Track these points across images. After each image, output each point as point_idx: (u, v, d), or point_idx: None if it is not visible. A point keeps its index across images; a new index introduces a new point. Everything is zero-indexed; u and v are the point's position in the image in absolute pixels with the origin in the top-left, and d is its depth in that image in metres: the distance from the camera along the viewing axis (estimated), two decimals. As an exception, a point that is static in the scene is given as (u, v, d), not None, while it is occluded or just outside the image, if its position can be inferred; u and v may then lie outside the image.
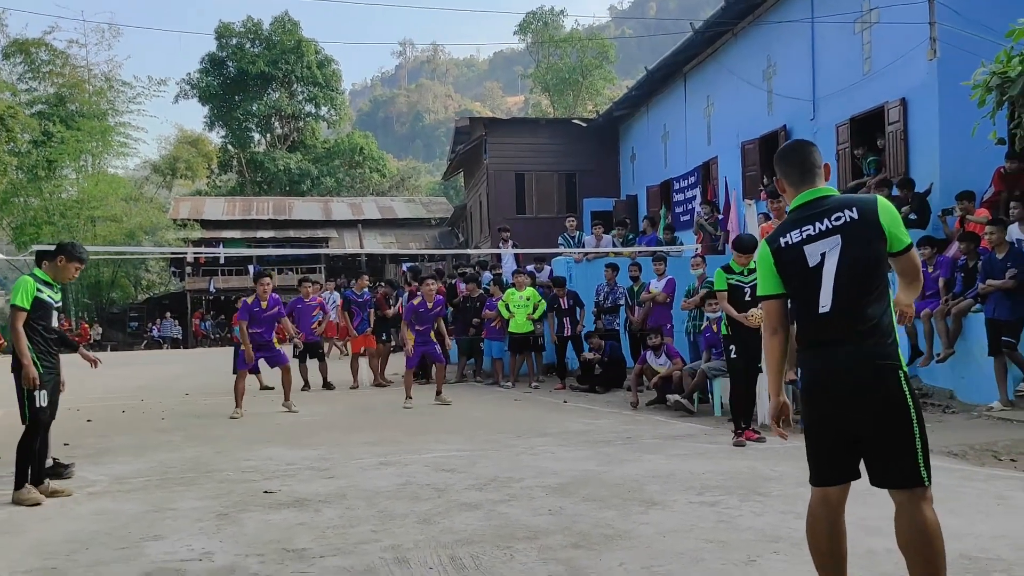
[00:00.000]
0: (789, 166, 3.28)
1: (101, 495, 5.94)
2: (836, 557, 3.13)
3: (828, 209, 3.10)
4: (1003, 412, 8.50)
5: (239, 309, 10.86)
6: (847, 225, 3.05)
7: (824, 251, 3.06)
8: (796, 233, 3.13)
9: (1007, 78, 8.00)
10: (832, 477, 3.12)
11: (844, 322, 3.01)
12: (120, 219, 37.50)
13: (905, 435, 2.97)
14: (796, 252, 3.11)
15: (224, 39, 53.22)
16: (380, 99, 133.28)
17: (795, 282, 3.15)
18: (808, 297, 3.09)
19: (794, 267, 3.12)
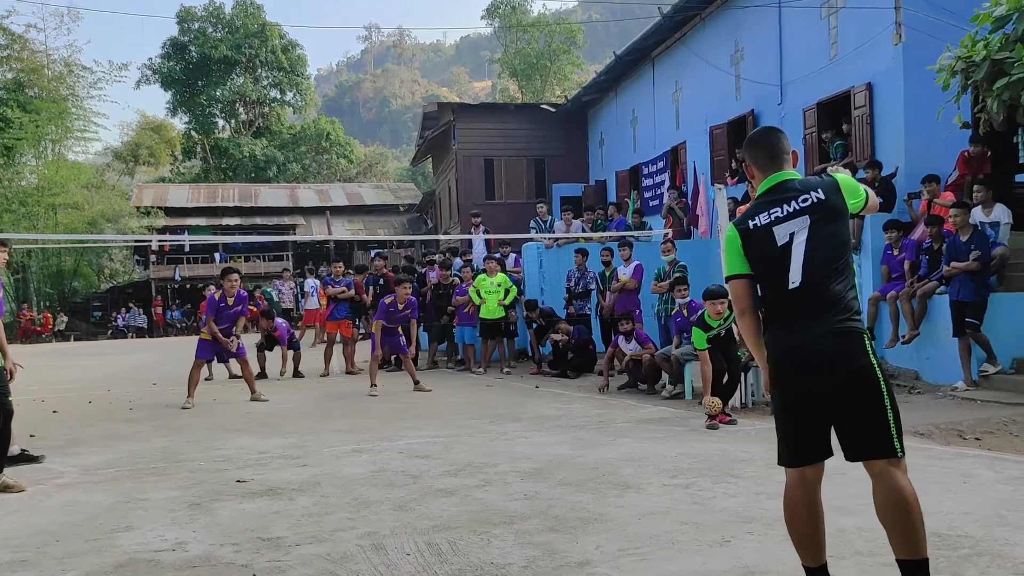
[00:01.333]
0: (759, 151, 3.34)
1: (70, 487, 5.85)
2: (815, 536, 3.18)
3: (795, 191, 3.19)
4: (967, 392, 8.66)
5: (206, 303, 10.77)
6: (814, 206, 3.13)
7: (793, 231, 3.12)
8: (765, 216, 3.19)
9: (971, 63, 8.10)
10: (807, 457, 3.16)
11: (813, 297, 3.07)
12: (82, 207, 36.89)
13: (876, 405, 3.03)
14: (765, 233, 3.17)
15: (186, 23, 52.43)
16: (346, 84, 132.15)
17: (764, 262, 3.20)
18: (777, 275, 3.14)
19: (762, 248, 3.18)
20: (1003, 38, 8.01)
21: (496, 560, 3.86)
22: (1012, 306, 9.13)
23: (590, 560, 3.81)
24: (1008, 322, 9.01)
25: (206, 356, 10.51)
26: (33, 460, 6.70)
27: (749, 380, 8.90)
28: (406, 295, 11.48)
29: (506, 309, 13.54)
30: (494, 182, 24.68)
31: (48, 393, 12.13)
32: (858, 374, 3.01)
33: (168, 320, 37.81)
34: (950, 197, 10.12)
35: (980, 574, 3.43)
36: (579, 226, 15.93)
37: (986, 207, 9.72)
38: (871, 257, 10.75)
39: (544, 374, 12.73)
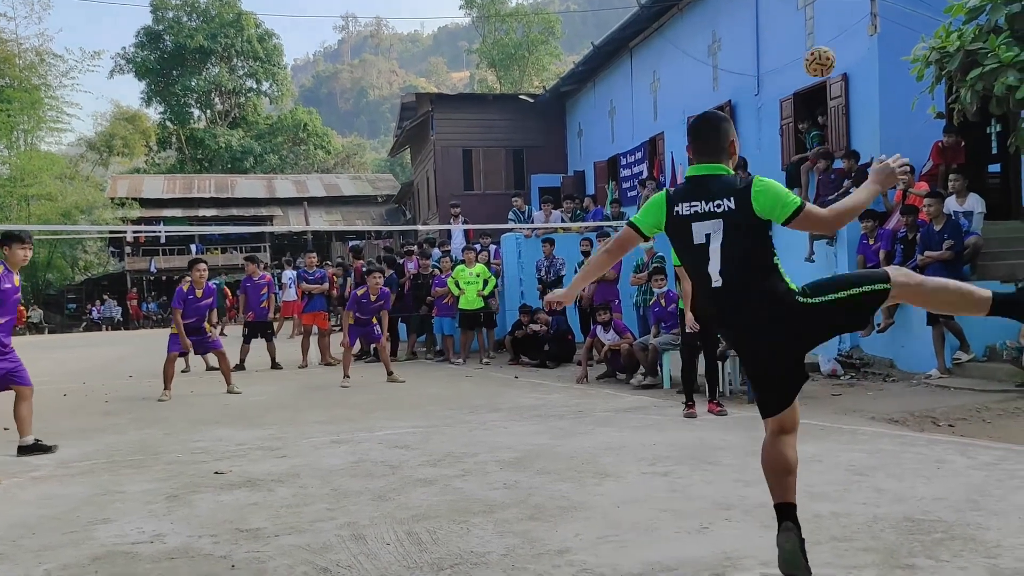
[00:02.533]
0: (699, 138, 3.42)
1: (46, 479, 5.80)
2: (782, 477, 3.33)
3: (714, 192, 3.27)
4: (941, 380, 8.78)
5: (174, 296, 10.67)
6: (725, 213, 3.24)
7: (708, 232, 3.26)
8: (687, 206, 3.32)
9: (946, 53, 8.18)
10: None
11: (735, 296, 3.26)
12: (55, 198, 36.45)
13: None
14: (685, 226, 3.31)
15: (160, 12, 51.80)
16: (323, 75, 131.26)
17: (685, 254, 3.38)
18: (700, 271, 3.31)
19: (682, 240, 3.35)
20: (976, 29, 8.10)
21: (476, 549, 3.87)
22: (985, 295, 9.24)
23: (569, 548, 3.83)
24: (981, 310, 9.11)
25: (179, 349, 10.41)
26: (46, 450, 6.72)
27: (727, 369, 8.96)
28: (377, 285, 11.41)
29: (485, 300, 13.55)
30: (472, 173, 24.62)
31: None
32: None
33: (144, 312, 37.49)
34: (924, 187, 10.22)
35: (953, 557, 3.48)
36: (558, 216, 15.95)
37: (960, 197, 9.83)
38: (847, 246, 10.84)
39: (523, 364, 12.75)
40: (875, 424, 6.80)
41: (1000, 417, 6.89)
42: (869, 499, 4.43)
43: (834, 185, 11.36)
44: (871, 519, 4.06)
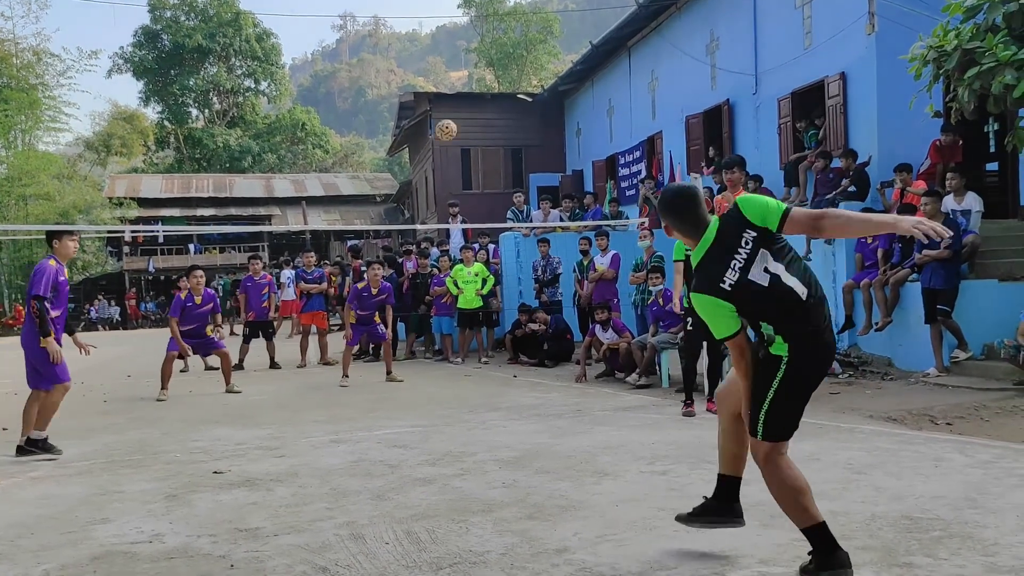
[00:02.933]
0: (685, 223, 3.46)
1: (44, 479, 5.80)
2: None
3: (735, 240, 3.33)
4: (939, 378, 8.78)
5: (171, 305, 10.64)
6: (755, 241, 3.32)
7: (765, 265, 3.30)
8: (731, 272, 3.29)
9: (943, 52, 8.18)
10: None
11: (820, 303, 3.34)
12: (53, 197, 36.32)
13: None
14: (744, 283, 3.27)
15: (158, 11, 51.73)
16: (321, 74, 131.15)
17: (753, 302, 3.30)
18: (783, 295, 3.28)
19: (748, 293, 3.28)
20: (974, 28, 8.09)
21: (474, 548, 3.88)
22: (982, 293, 9.26)
23: (568, 547, 3.84)
24: (978, 309, 9.14)
25: (177, 348, 10.38)
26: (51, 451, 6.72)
27: (725, 368, 8.96)
28: (378, 278, 11.29)
29: (484, 299, 13.55)
30: (471, 172, 24.60)
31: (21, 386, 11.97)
32: None
33: (143, 312, 37.45)
34: (922, 186, 10.22)
35: (951, 555, 3.49)
36: (557, 215, 15.95)
37: (958, 195, 9.84)
38: (845, 245, 10.85)
39: (522, 364, 12.76)
40: (873, 422, 6.81)
41: (998, 415, 6.90)
42: (867, 497, 4.44)
43: (832, 184, 11.37)
44: (869, 517, 4.07)
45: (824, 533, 3.24)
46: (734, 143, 15.33)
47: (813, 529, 3.25)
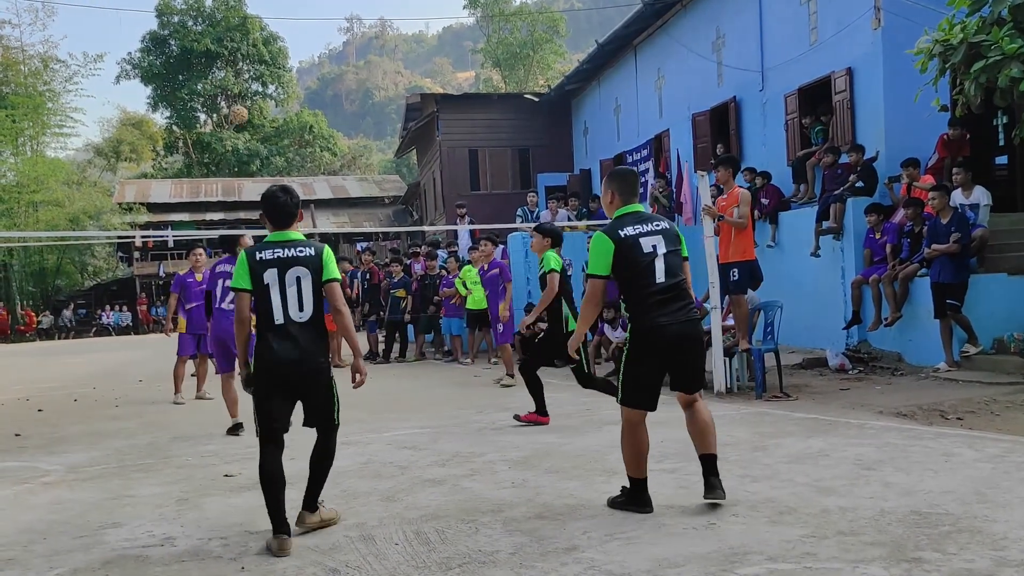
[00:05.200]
0: (626, 185, 4.61)
1: (56, 485, 5.84)
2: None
3: (648, 218, 4.54)
4: (949, 373, 8.76)
5: (172, 283, 10.63)
6: (663, 230, 4.46)
7: (655, 244, 4.38)
8: (631, 228, 4.40)
9: (949, 46, 8.15)
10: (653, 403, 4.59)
11: (673, 291, 4.38)
12: (63, 203, 36.55)
13: (702, 357, 4.73)
14: (634, 241, 4.36)
15: (165, 17, 51.93)
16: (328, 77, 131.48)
17: (633, 264, 4.33)
18: (646, 274, 4.34)
19: (632, 251, 4.34)
20: (980, 21, 8.07)
21: (484, 548, 3.89)
22: (992, 287, 9.22)
23: (577, 545, 3.85)
24: (988, 303, 9.10)
25: (189, 352, 10.38)
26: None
27: (734, 365, 8.95)
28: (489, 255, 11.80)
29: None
30: (479, 173, 24.64)
31: (33, 392, 12.08)
32: (697, 342, 4.56)
33: (154, 317, 37.62)
34: (930, 180, 10.19)
35: (960, 550, 3.48)
36: (565, 215, 15.95)
37: (966, 189, 9.80)
38: (853, 241, 10.82)
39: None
40: (883, 418, 6.79)
41: (1008, 409, 6.87)
42: (876, 493, 4.43)
43: (840, 180, 11.34)
44: (878, 513, 4.07)
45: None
46: (741, 140, 15.31)
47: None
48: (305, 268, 4.26)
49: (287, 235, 4.37)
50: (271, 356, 4.20)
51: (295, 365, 4.22)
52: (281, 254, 4.27)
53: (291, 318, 4.23)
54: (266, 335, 4.24)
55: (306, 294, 4.25)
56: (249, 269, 4.26)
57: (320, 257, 4.32)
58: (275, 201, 4.39)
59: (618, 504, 4.44)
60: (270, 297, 4.22)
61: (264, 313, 4.25)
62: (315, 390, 4.33)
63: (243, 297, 4.31)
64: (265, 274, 4.23)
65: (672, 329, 4.32)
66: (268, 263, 4.25)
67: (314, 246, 4.37)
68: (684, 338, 4.39)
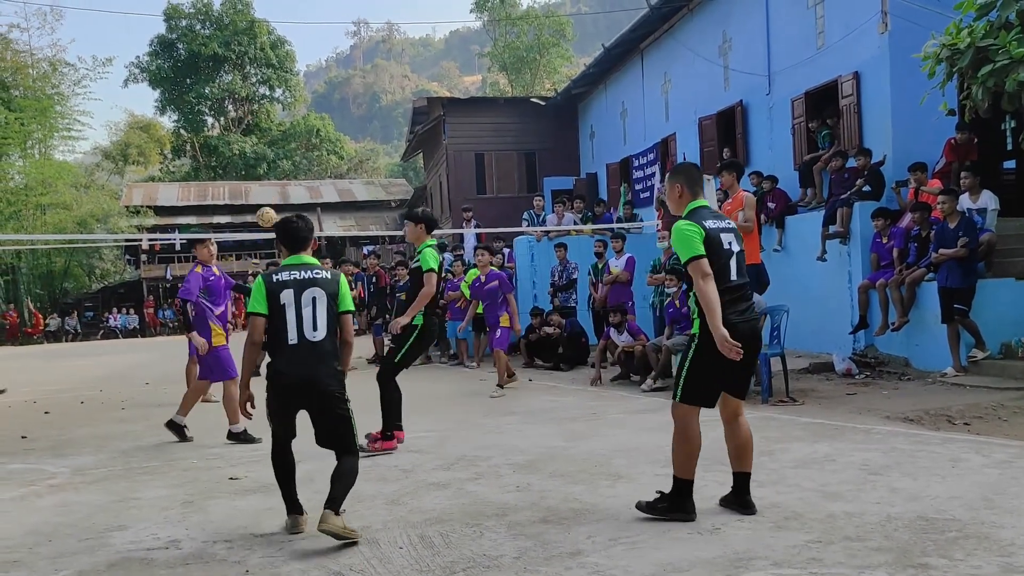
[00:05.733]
0: (693, 179, 4.51)
1: (63, 487, 5.85)
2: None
3: (718, 214, 4.46)
4: (956, 378, 8.72)
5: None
6: (733, 228, 4.44)
7: (730, 241, 4.31)
8: (710, 222, 4.29)
9: (957, 50, 8.13)
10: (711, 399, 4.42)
11: (742, 291, 4.33)
12: (70, 206, 36.67)
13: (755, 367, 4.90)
14: (715, 235, 4.25)
15: (173, 20, 52.12)
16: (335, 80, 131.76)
17: (714, 258, 4.19)
18: (724, 271, 4.24)
19: (713, 245, 4.22)
20: (987, 25, 8.04)
21: (488, 552, 3.89)
22: (999, 292, 9.19)
23: (582, 550, 3.84)
24: (996, 308, 9.07)
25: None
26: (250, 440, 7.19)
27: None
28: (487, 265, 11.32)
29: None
30: (485, 176, 24.64)
31: (40, 394, 12.11)
32: (760, 342, 4.48)
33: (161, 320, 37.72)
34: (937, 184, 10.16)
35: (967, 556, 3.46)
36: (571, 219, 15.95)
37: (973, 194, 9.77)
38: (860, 245, 10.79)
39: (536, 367, 12.76)
40: (890, 423, 6.76)
41: (1016, 415, 6.84)
42: (883, 498, 4.41)
43: (847, 184, 11.31)
44: (885, 518, 4.05)
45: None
46: (748, 144, 15.29)
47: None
48: (321, 289, 4.41)
49: (302, 259, 4.57)
50: (284, 375, 4.31)
51: (308, 384, 4.32)
52: (297, 276, 4.43)
53: (305, 338, 4.34)
54: (279, 355, 4.35)
55: (320, 315, 4.38)
56: (266, 292, 4.38)
57: (337, 283, 4.50)
58: (290, 227, 4.63)
59: (658, 510, 4.28)
60: (285, 317, 4.34)
61: (278, 333, 4.36)
62: (328, 412, 4.39)
63: (257, 322, 4.42)
64: (282, 294, 4.36)
65: (743, 328, 4.20)
66: (285, 284, 4.40)
67: (330, 272, 4.57)
68: (753, 338, 4.29)
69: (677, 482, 4.30)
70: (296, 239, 4.63)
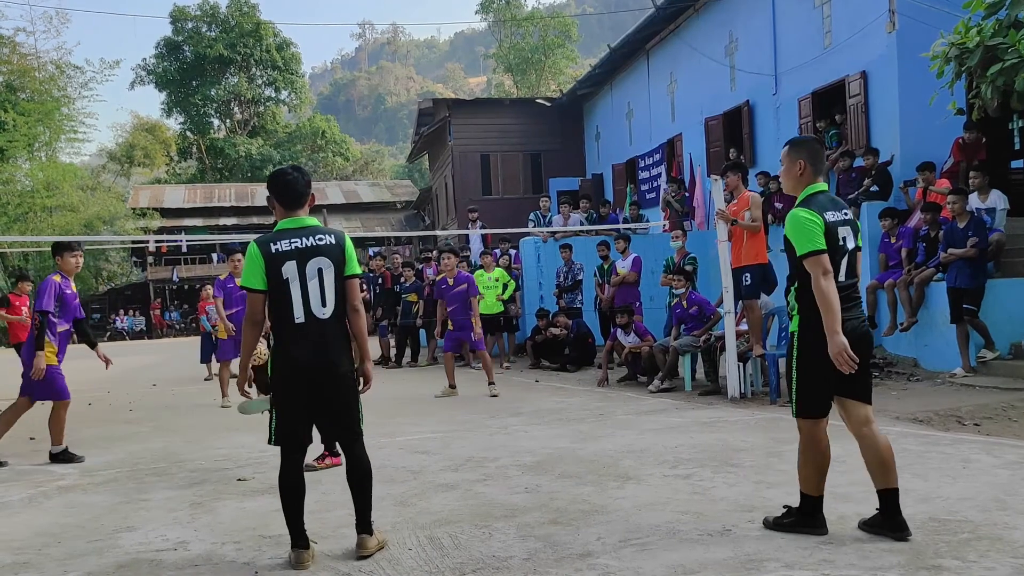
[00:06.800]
0: (817, 156, 4.10)
1: (71, 489, 5.85)
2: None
3: (839, 203, 3.98)
4: (966, 378, 8.67)
5: (213, 286, 10.56)
6: (852, 222, 3.96)
7: (845, 236, 3.86)
8: (830, 214, 3.86)
9: (965, 49, 8.09)
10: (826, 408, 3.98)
11: (853, 290, 3.92)
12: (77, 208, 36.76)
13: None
14: (834, 228, 3.82)
15: (179, 23, 52.29)
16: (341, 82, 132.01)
17: (829, 253, 3.77)
18: (836, 268, 3.80)
19: (831, 238, 3.79)
20: (996, 24, 8.01)
21: (497, 553, 3.87)
22: (1009, 292, 9.14)
23: (591, 551, 3.82)
24: (1005, 308, 9.02)
25: (229, 356, 10.12)
26: (72, 459, 6.88)
27: (748, 370, 8.90)
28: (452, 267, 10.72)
29: (505, 304, 13.55)
30: (491, 177, 24.64)
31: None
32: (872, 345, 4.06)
33: (167, 321, 37.81)
34: (945, 184, 10.12)
35: (980, 557, 3.44)
36: (577, 219, 15.93)
37: (982, 193, 9.73)
38: (868, 245, 10.74)
39: (543, 368, 12.74)
40: (900, 424, 6.73)
41: (1027, 416, 6.80)
42: (894, 500, 4.38)
43: (855, 183, 11.28)
44: (896, 520, 4.02)
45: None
46: (754, 144, 15.26)
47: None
48: (327, 259, 3.85)
49: (302, 221, 3.94)
50: (292, 360, 3.83)
51: (319, 368, 3.84)
52: (299, 244, 3.84)
53: (313, 315, 3.82)
54: (285, 337, 3.85)
55: (328, 288, 3.85)
56: (264, 264, 3.81)
57: (342, 247, 3.92)
58: (284, 179, 3.96)
59: (785, 526, 3.94)
60: (289, 293, 3.79)
61: (282, 312, 3.83)
62: (339, 396, 3.91)
63: (257, 298, 3.87)
64: (284, 267, 3.80)
65: (851, 327, 3.78)
66: (285, 255, 3.81)
67: (334, 233, 3.96)
68: (865, 340, 3.90)
69: (805, 498, 3.95)
70: (292, 194, 3.94)
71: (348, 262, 3.91)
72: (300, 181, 3.95)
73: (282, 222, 3.94)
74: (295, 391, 3.86)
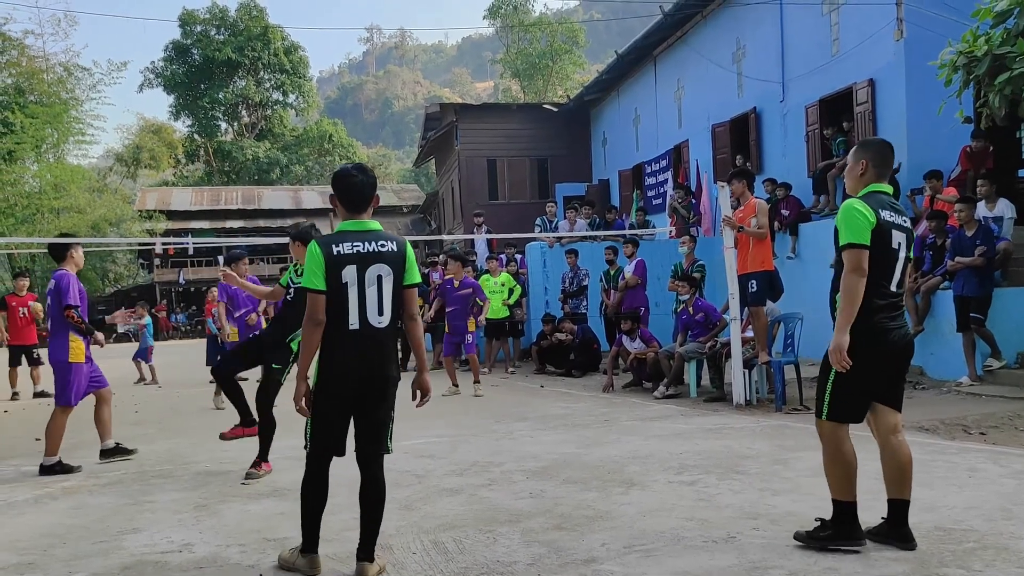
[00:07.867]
0: (884, 158, 3.95)
1: (76, 490, 5.87)
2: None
3: (898, 207, 3.89)
4: (972, 387, 8.65)
5: (218, 288, 10.61)
6: (909, 229, 3.91)
7: (900, 241, 3.79)
8: (887, 214, 3.78)
9: (973, 57, 8.08)
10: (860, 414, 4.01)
11: (899, 298, 3.88)
12: (84, 210, 36.88)
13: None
14: (888, 230, 3.73)
15: (188, 26, 52.50)
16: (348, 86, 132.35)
17: (879, 256, 3.72)
18: (886, 273, 3.79)
19: (883, 239, 3.72)
20: (1004, 33, 8.00)
21: (502, 558, 3.87)
22: (1016, 301, 9.12)
23: (596, 557, 3.82)
24: (1012, 317, 9.00)
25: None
26: (127, 453, 7.01)
27: (754, 377, 8.89)
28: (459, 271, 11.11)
29: (510, 309, 13.56)
30: (497, 182, 24.67)
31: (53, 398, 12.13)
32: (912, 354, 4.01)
33: (173, 323, 37.89)
34: (953, 192, 10.10)
35: (985, 567, 3.43)
36: (583, 225, 15.94)
37: (989, 202, 9.71)
38: (875, 253, 10.73)
39: (549, 374, 12.74)
40: (905, 432, 6.69)
41: (1033, 425, 6.78)
42: (899, 508, 4.37)
43: (861, 191, 11.25)
44: (902, 529, 4.01)
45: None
46: (761, 151, 15.25)
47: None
48: (387, 266, 3.71)
49: (366, 224, 3.79)
50: (341, 367, 3.69)
51: (368, 378, 3.73)
52: (361, 248, 3.69)
53: (369, 323, 3.68)
54: (336, 342, 3.70)
55: (386, 296, 3.71)
56: (326, 265, 3.65)
57: (404, 255, 3.77)
58: (349, 180, 3.81)
59: (820, 539, 3.77)
60: (347, 298, 3.65)
61: (337, 316, 3.67)
62: (382, 407, 3.83)
63: (319, 299, 3.66)
64: (344, 271, 3.65)
65: (896, 336, 3.81)
66: (347, 258, 3.66)
67: (396, 240, 3.80)
68: (909, 349, 3.92)
69: (838, 506, 3.83)
70: (357, 197, 3.80)
71: (409, 271, 3.78)
72: (365, 184, 3.82)
73: (344, 223, 3.83)
74: (340, 399, 3.75)
